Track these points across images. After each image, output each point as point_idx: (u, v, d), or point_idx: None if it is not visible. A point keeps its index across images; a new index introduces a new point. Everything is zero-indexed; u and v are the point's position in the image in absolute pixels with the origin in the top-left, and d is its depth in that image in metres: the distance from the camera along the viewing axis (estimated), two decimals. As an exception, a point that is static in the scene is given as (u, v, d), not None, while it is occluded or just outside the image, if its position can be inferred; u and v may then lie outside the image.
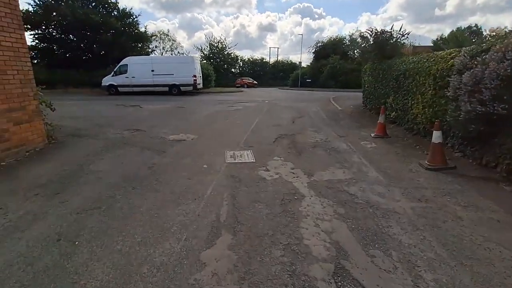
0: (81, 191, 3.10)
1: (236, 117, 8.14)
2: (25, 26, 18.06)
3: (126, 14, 20.44)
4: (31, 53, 18.96)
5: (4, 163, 3.89)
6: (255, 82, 31.06)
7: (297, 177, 3.62)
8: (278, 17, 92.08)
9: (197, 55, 17.59)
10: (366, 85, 9.84)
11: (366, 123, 7.40)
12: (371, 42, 8.88)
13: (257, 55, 54.61)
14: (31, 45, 18.89)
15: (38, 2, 17.72)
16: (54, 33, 18.78)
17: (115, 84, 15.78)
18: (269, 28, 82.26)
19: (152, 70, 15.60)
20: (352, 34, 30.53)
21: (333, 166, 3.99)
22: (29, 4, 18.15)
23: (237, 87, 27.75)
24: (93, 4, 19.33)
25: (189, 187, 3.23)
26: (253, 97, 15.74)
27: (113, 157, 4.33)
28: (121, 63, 15.80)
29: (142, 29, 21.83)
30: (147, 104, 11.11)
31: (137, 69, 15.60)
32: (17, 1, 4.10)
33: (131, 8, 21.27)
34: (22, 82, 4.23)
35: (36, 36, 18.49)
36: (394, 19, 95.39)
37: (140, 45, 22.56)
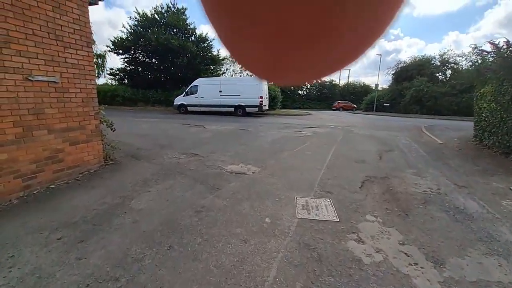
0: (108, 243, 2.39)
1: (306, 146, 6.98)
2: (118, 51, 21.53)
3: (202, 39, 22.27)
4: (120, 75, 22.30)
5: (53, 186, 3.63)
6: (353, 105, 30.00)
7: (415, 264, 2.21)
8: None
9: None
10: (483, 114, 7.45)
11: (492, 167, 5.25)
12: (496, 58, 6.71)
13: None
14: (121, 67, 22.25)
15: (130, 30, 20.92)
16: (140, 57, 21.71)
17: (185, 103, 16.73)
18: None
19: (220, 91, 16.01)
20: (444, 53, 26.41)
21: (474, 248, 2.43)
22: (122, 31, 21.56)
23: (333, 110, 28.63)
24: (174, 30, 21.74)
25: (243, 260, 2.19)
26: (323, 122, 14.38)
27: (161, 190, 3.69)
28: (192, 84, 16.78)
29: (215, 53, 23.38)
30: (211, 125, 11.00)
31: (206, 89, 16.26)
32: (87, 18, 4.05)
33: (207, 33, 23.09)
34: (84, 100, 4.08)
35: (125, 59, 21.72)
36: (489, 37, 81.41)
37: (212, 67, 24.13)
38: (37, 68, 3.36)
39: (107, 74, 25.66)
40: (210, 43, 22.96)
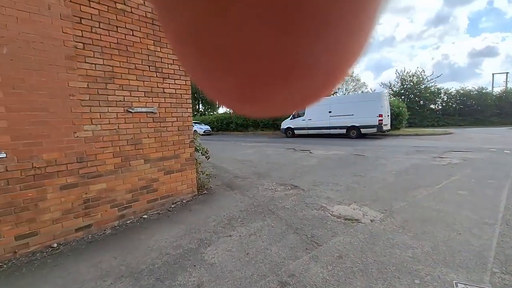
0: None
1: (456, 181, 4.73)
2: None
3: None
4: None
5: (146, 216, 3.60)
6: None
7: None
8: (500, 37, 68.07)
9: (385, 91, 14.75)
10: None
11: None
12: None
13: (468, 86, 41.71)
14: None
15: None
16: None
17: (292, 127, 16.44)
18: (486, 52, 62.08)
19: (329, 112, 14.79)
20: None
21: None
22: None
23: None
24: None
25: None
26: (475, 143, 10.35)
27: (244, 236, 2.96)
28: (299, 106, 16.38)
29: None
30: (318, 149, 9.90)
31: (314, 111, 15.45)
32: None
33: None
34: (179, 129, 4.05)
35: None
36: None
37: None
38: (137, 100, 3.51)
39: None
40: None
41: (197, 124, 23.48)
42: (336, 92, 28.30)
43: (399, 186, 4.53)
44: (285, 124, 16.96)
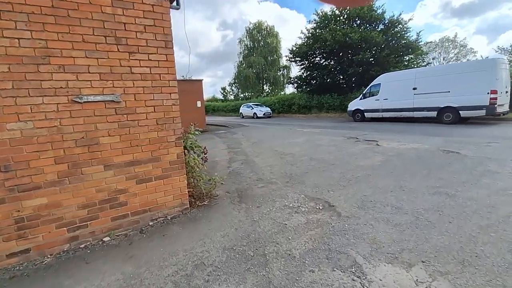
0: None
1: None
2: (296, 58, 21.89)
3: (392, 24, 17.82)
4: (298, 82, 22.67)
5: (108, 238, 2.80)
6: None
7: None
8: None
9: (504, 58, 10.36)
10: None
11: None
12: None
13: None
14: (299, 75, 22.51)
15: (308, 34, 20.59)
16: (316, 61, 20.90)
17: (362, 109, 13.74)
18: None
19: (414, 88, 11.55)
20: None
21: None
22: (300, 38, 21.57)
23: None
24: (356, 22, 18.94)
25: None
26: None
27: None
28: (372, 83, 13.47)
29: (413, 37, 17.95)
30: (390, 140, 7.62)
31: (391, 88, 12.41)
32: (166, 8, 2.91)
33: (400, 14, 18.12)
34: (159, 122, 3.04)
35: (302, 66, 21.75)
36: None
37: (407, 58, 18.89)
38: (88, 86, 2.61)
39: (286, 82, 27.89)
40: (405, 26, 17.94)
41: (257, 106, 22.72)
42: (430, 63, 22.85)
43: (525, 231, 2.46)
44: (353, 106, 14.36)
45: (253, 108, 22.59)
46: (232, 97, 53.53)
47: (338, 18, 19.01)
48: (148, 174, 3.06)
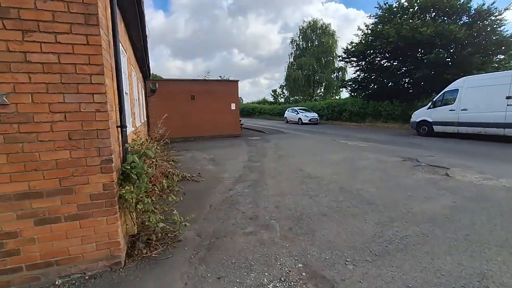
0: None
1: None
2: (351, 59, 19.40)
3: (480, 15, 14.26)
4: (352, 86, 20.15)
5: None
6: None
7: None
8: None
9: None
10: None
11: None
12: None
13: None
14: (353, 77, 19.98)
15: (365, 31, 18.00)
16: (375, 61, 18.15)
17: (429, 120, 11.08)
18: None
19: (509, 97, 8.69)
20: None
21: None
22: (357, 35, 18.93)
23: None
24: (431, 14, 15.75)
25: None
26: None
27: None
28: (447, 89, 10.73)
29: (509, 32, 14.16)
30: (468, 169, 5.51)
31: (473, 96, 9.64)
32: None
33: (493, 3, 14.26)
34: (72, 137, 2.06)
35: (358, 67, 19.16)
36: None
37: (498, 59, 15.05)
38: (-49, 79, 1.75)
39: (338, 86, 25.26)
40: (500, 18, 14.23)
41: (303, 111, 21.11)
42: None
43: None
44: (418, 116, 11.75)
45: (298, 113, 20.99)
46: (282, 100, 52.38)
47: (407, 11, 16.13)
48: (54, 212, 2.09)
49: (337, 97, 32.06)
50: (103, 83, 2.12)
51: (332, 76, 32.88)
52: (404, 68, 16.47)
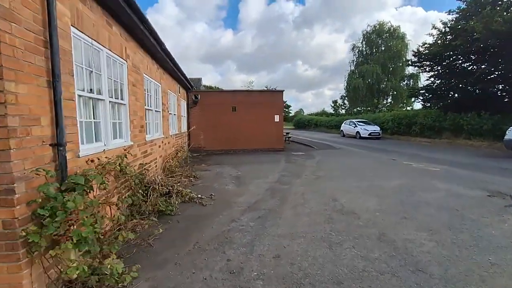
0: None
1: None
2: (423, 63, 16.47)
3: None
4: (425, 95, 17.07)
5: None
6: None
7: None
8: None
9: None
10: None
11: None
12: None
13: None
14: (426, 84, 16.89)
15: (442, 29, 14.93)
16: (456, 65, 14.88)
17: (536, 138, 8.29)
18: None
19: None
20: None
21: None
22: (432, 35, 15.82)
23: None
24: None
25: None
26: None
27: None
28: None
29: None
30: None
31: None
32: None
33: None
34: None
35: (433, 71, 16.01)
36: None
37: None
38: None
39: (408, 96, 21.81)
40: None
41: (362, 124, 18.99)
42: None
43: None
44: (516, 132, 8.97)
45: (356, 126, 18.89)
46: (343, 111, 49.20)
47: (500, 1, 12.94)
48: None
49: (409, 108, 28.22)
50: (2, 90, 1.64)
51: (402, 84, 29.25)
52: (496, 72, 13.15)
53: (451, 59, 15.09)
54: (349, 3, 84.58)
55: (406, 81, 29.18)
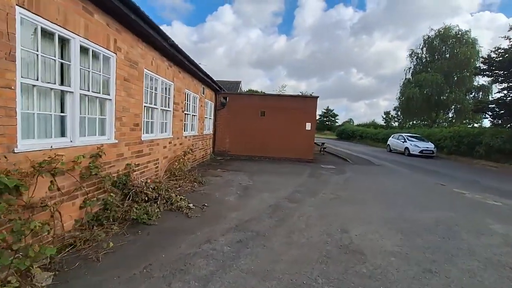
0: None
1: None
2: (495, 71, 13.91)
3: None
4: (496, 110, 14.31)
5: None
6: None
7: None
8: None
9: None
10: None
11: None
12: None
13: None
14: (496, 98, 14.07)
15: None
16: None
17: None
18: None
19: None
20: None
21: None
22: (507, 37, 13.01)
23: None
24: None
25: None
26: None
27: None
28: None
29: None
30: None
31: None
32: None
33: None
34: None
35: (505, 82, 13.24)
36: None
37: None
38: None
39: (473, 110, 18.48)
40: None
41: (412, 139, 16.88)
42: None
43: None
44: None
45: (405, 141, 16.77)
46: (396, 124, 45.06)
47: None
48: None
49: (476, 125, 24.43)
50: None
51: (468, 97, 25.50)
52: None
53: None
54: (417, 9, 77.79)
55: (474, 93, 25.37)
